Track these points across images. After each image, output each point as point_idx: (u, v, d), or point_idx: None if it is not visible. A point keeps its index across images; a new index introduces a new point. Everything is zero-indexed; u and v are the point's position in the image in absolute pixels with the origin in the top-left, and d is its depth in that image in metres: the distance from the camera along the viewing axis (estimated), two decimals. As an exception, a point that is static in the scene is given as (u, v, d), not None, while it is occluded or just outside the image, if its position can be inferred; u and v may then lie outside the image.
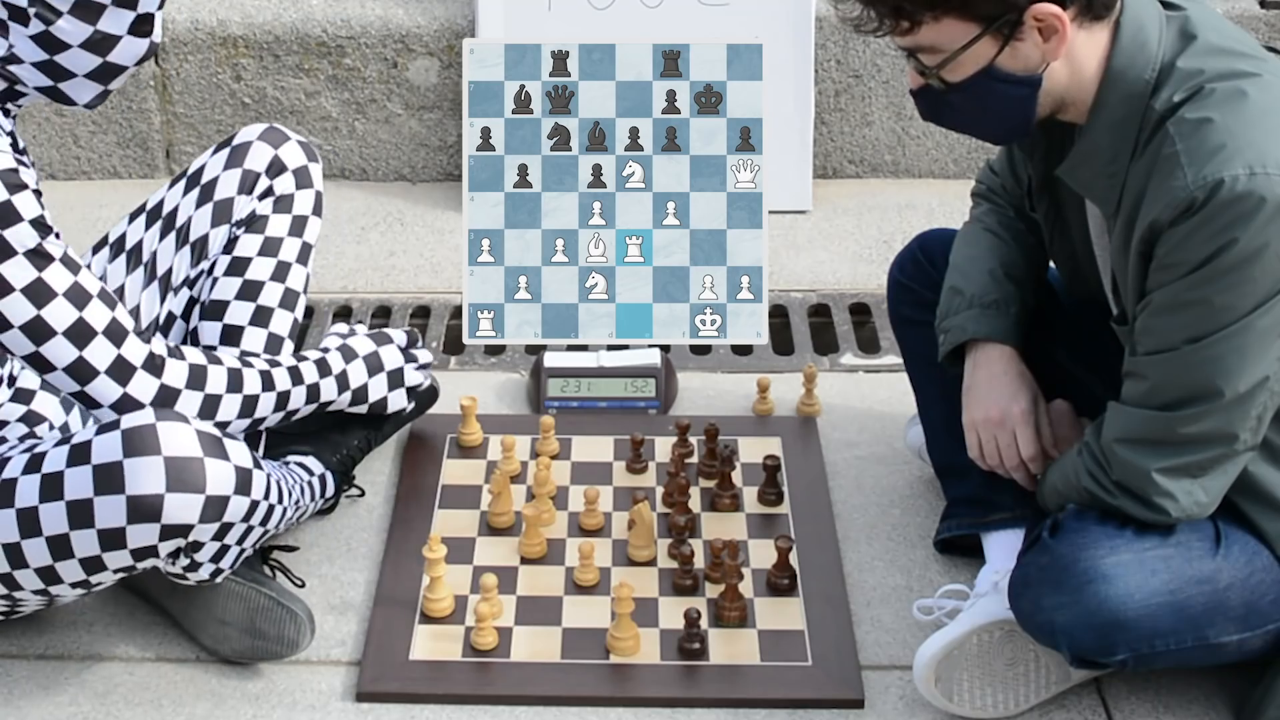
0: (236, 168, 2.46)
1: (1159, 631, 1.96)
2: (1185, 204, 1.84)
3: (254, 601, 2.18)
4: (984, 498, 2.32)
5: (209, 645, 2.22)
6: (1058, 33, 1.88)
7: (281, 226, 2.46)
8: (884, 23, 1.91)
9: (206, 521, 1.98)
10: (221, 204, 2.44)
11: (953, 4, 1.86)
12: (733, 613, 2.26)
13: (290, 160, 2.48)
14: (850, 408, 2.79)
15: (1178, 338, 1.89)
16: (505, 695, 2.16)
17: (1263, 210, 1.81)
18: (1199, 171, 1.83)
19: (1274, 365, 1.88)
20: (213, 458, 1.98)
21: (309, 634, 2.20)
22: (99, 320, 2.05)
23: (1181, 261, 1.86)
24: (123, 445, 1.96)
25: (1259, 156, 1.82)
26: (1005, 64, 1.91)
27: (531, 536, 2.40)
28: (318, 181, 2.52)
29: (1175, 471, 1.93)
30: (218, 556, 2.06)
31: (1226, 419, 1.90)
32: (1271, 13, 3.50)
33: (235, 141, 2.48)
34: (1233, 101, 1.86)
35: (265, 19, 3.48)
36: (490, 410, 2.79)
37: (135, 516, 1.95)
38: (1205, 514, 1.97)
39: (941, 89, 1.96)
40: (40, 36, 1.98)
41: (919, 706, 2.15)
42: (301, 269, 2.47)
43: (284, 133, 2.51)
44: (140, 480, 1.95)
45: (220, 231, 2.44)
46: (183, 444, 1.97)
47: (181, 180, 2.48)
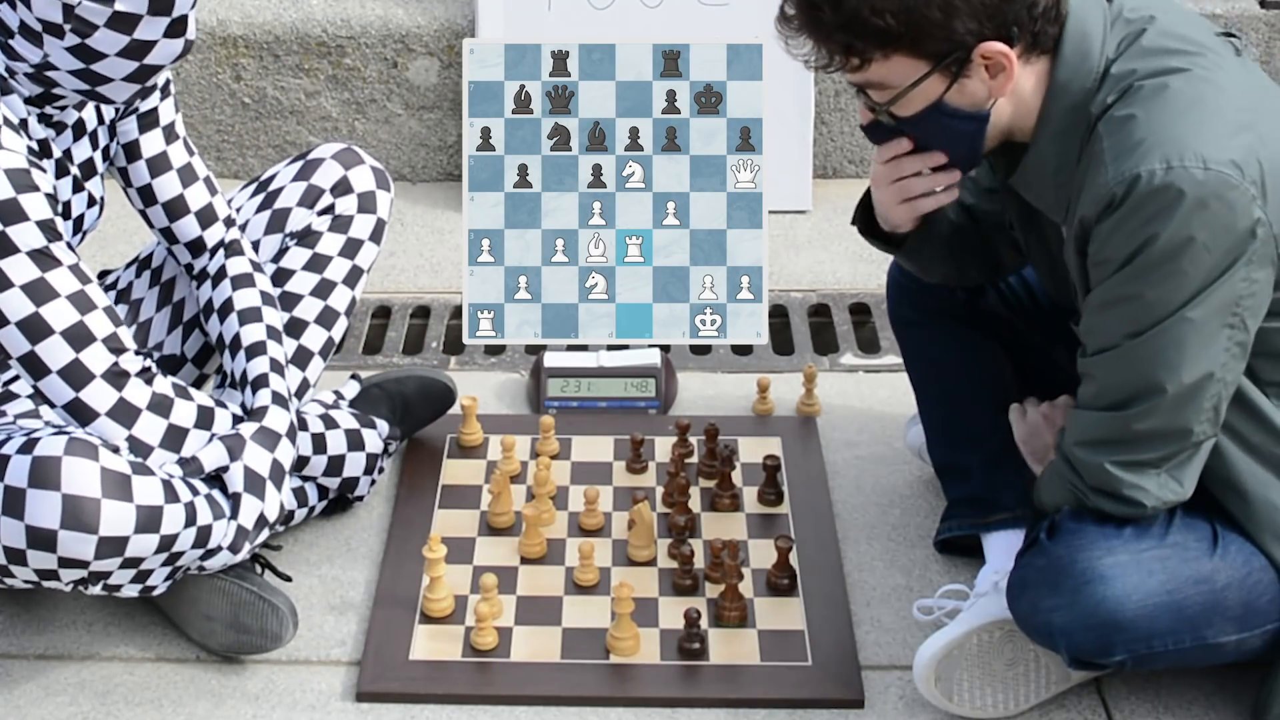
0: (304, 181, 2.48)
1: (1157, 632, 1.96)
2: (1106, 200, 1.86)
3: (237, 597, 2.19)
4: (984, 498, 2.32)
5: (197, 639, 2.23)
6: (1005, 70, 1.91)
7: (334, 245, 2.46)
8: (835, 59, 1.93)
9: (104, 559, 1.98)
10: (279, 213, 2.47)
11: (902, 42, 1.88)
12: (733, 613, 2.26)
13: (359, 183, 2.49)
14: (850, 408, 2.80)
15: (1117, 334, 1.91)
16: (505, 695, 2.17)
17: (1182, 203, 1.82)
18: (1119, 167, 1.85)
19: (1220, 356, 1.88)
20: (112, 499, 1.97)
21: (291, 627, 2.20)
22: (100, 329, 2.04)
23: (1110, 258, 1.88)
24: (29, 474, 1.96)
25: (1177, 150, 1.83)
26: (953, 100, 1.94)
27: (531, 536, 2.40)
28: (383, 209, 2.51)
29: (1135, 465, 1.94)
30: (139, 579, 2.06)
31: (1177, 414, 1.90)
32: (1271, 13, 3.50)
33: (310, 156, 2.51)
34: (1155, 96, 1.88)
35: (265, 19, 3.48)
36: (490, 410, 2.79)
37: (33, 544, 1.96)
38: (1182, 499, 1.97)
39: (891, 124, 2.00)
40: (76, 48, 1.98)
41: (919, 706, 2.15)
42: (347, 291, 2.47)
43: (359, 155, 2.52)
44: (38, 513, 1.95)
45: (273, 240, 2.45)
46: (83, 483, 1.96)
47: (251, 184, 2.53)
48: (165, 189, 2.33)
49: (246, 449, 2.16)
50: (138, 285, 2.49)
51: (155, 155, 2.31)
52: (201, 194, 2.36)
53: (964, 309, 2.40)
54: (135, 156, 2.31)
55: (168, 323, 2.47)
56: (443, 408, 2.64)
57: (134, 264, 2.52)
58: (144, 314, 2.47)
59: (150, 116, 2.30)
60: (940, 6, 1.85)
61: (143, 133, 2.30)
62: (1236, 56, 1.98)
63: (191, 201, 2.35)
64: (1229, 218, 1.82)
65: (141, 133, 2.30)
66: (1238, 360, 1.91)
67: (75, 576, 2.01)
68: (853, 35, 1.88)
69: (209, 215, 2.37)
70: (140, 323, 2.47)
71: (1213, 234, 1.82)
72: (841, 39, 1.90)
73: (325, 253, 2.46)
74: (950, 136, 2.00)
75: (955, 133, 1.99)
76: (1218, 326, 1.87)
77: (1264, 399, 1.97)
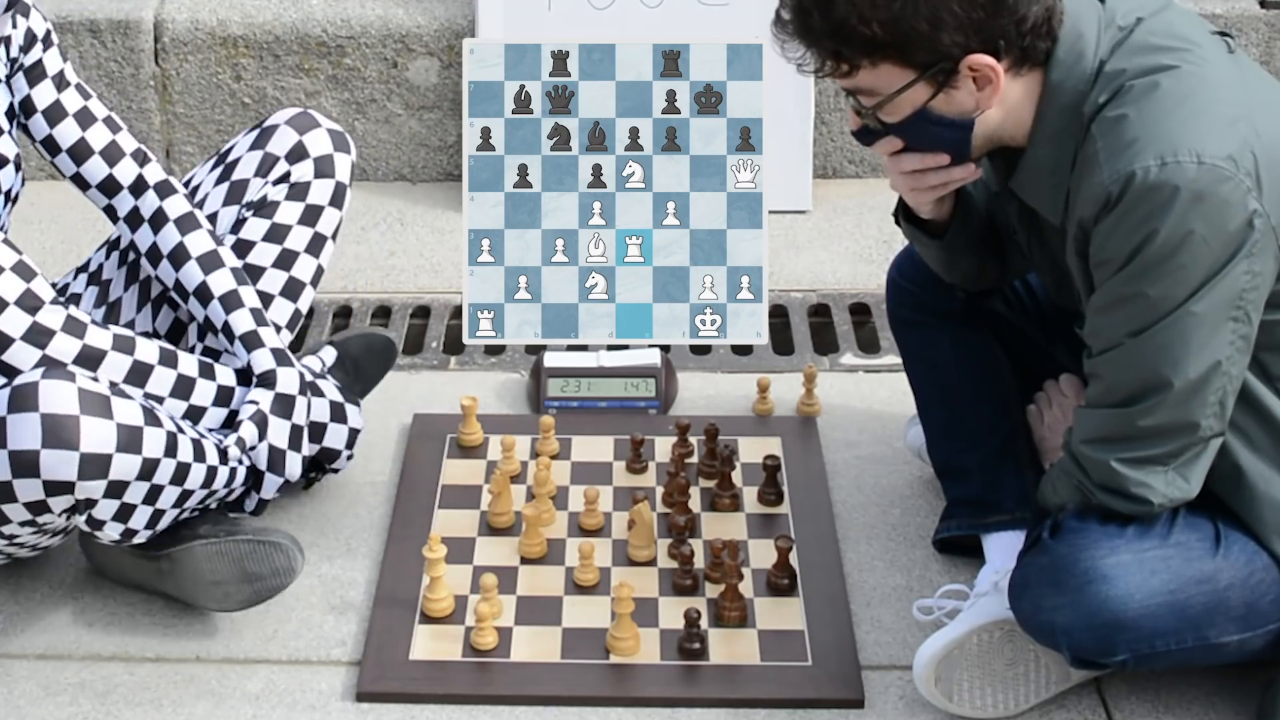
0: (259, 149, 2.45)
1: (1159, 632, 1.96)
2: (1103, 199, 1.87)
3: (235, 551, 2.19)
4: (984, 499, 2.32)
5: (215, 609, 2.24)
6: (992, 83, 1.92)
7: (292, 214, 2.43)
8: (825, 65, 1.95)
9: (88, 479, 2.00)
10: (237, 184, 2.44)
11: (889, 51, 1.90)
12: (733, 613, 2.26)
13: (315, 148, 2.45)
14: (850, 408, 2.79)
15: (1121, 333, 1.91)
16: (505, 695, 2.16)
17: (1178, 199, 1.83)
18: (1113, 166, 1.86)
19: (1225, 349, 1.89)
20: (91, 415, 2.00)
21: (300, 556, 2.22)
22: (10, 291, 2.07)
23: (1111, 258, 1.89)
24: (7, 402, 1.99)
25: (1170, 146, 1.84)
26: (939, 108, 1.96)
27: (531, 536, 2.40)
28: (342, 172, 2.47)
29: (1141, 462, 1.94)
30: (122, 515, 2.07)
31: (1183, 409, 1.91)
32: (1271, 13, 3.50)
33: (265, 123, 2.47)
34: (1147, 95, 1.89)
35: (265, 19, 3.48)
36: (490, 410, 2.79)
37: (18, 471, 1.99)
38: (1189, 498, 1.97)
39: (879, 129, 2.01)
40: None
41: (919, 706, 2.15)
42: (311, 259, 2.44)
43: (315, 119, 2.48)
44: (18, 436, 1.98)
45: (230, 211, 2.43)
46: (61, 401, 1.99)
47: (212, 158, 2.51)
48: (65, 136, 2.34)
49: (270, 426, 2.23)
50: (107, 266, 2.48)
51: (49, 105, 2.33)
52: (103, 133, 2.36)
53: (964, 309, 2.40)
54: (31, 111, 2.32)
55: (136, 300, 2.46)
56: (388, 363, 2.66)
57: (104, 246, 2.51)
58: (113, 294, 2.46)
59: (36, 69, 2.31)
60: (927, 18, 1.86)
61: (32, 86, 2.31)
62: (1229, 54, 1.99)
63: (94, 142, 2.35)
64: (1225, 210, 1.83)
65: (31, 86, 2.31)
66: (1242, 354, 1.91)
67: (64, 505, 2.02)
68: (841, 42, 1.90)
69: (114, 152, 2.36)
70: (110, 302, 2.45)
71: (1211, 227, 1.83)
72: (830, 45, 1.92)
73: (284, 222, 2.43)
74: (936, 143, 2.02)
75: (941, 139, 2.00)
76: (1222, 320, 1.87)
77: (1271, 396, 1.97)
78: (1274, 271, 1.89)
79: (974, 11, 1.87)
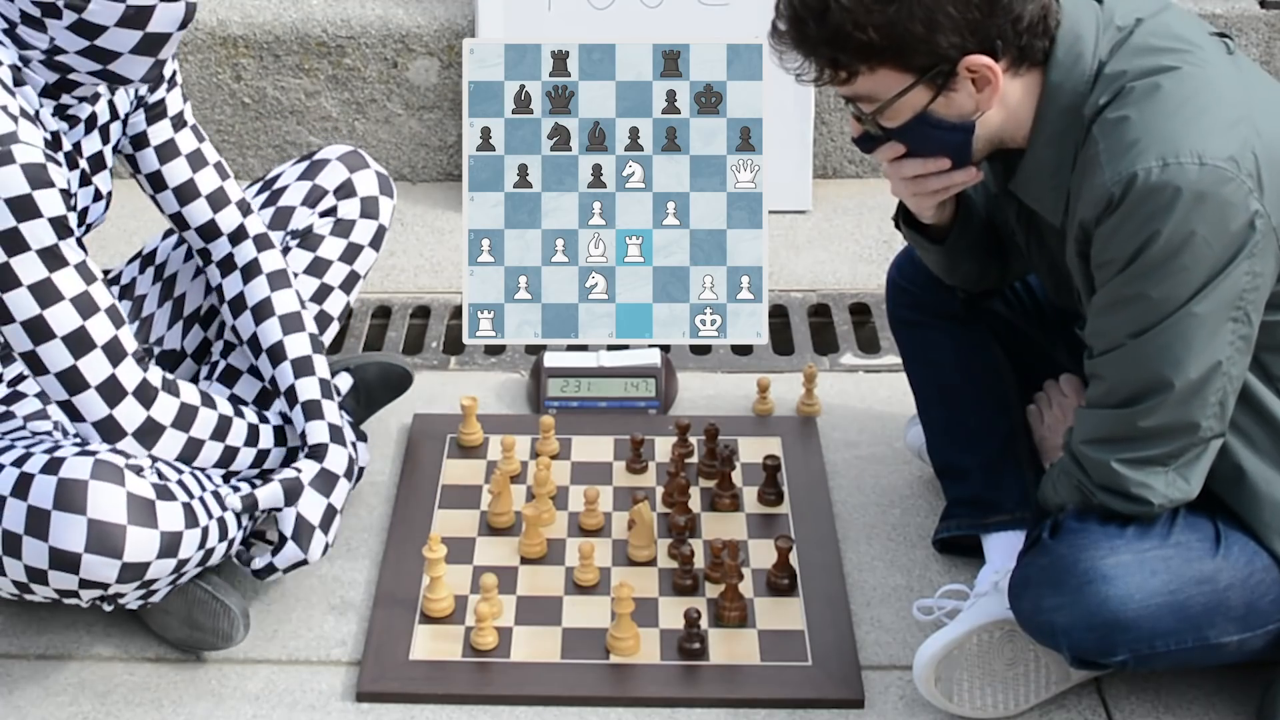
0: (308, 180, 2.50)
1: (1159, 632, 1.96)
2: (1105, 201, 1.87)
3: (192, 595, 2.20)
4: (984, 499, 2.32)
5: (156, 631, 2.25)
6: (990, 84, 1.92)
7: (334, 250, 2.48)
8: (823, 73, 1.95)
9: (124, 583, 2.01)
10: (283, 210, 2.49)
11: (886, 56, 1.90)
12: (733, 613, 2.26)
13: (363, 188, 2.51)
14: (850, 408, 2.79)
15: (1122, 334, 1.91)
16: (505, 695, 2.16)
17: (1180, 199, 1.83)
18: (1115, 168, 1.87)
19: (1225, 350, 1.89)
20: (137, 525, 1.99)
21: (243, 629, 2.22)
22: (101, 334, 2.04)
23: (1113, 259, 1.89)
24: (54, 496, 1.97)
25: (1171, 147, 1.84)
26: (939, 111, 1.96)
27: (531, 536, 2.40)
28: (385, 216, 2.53)
29: (1142, 463, 1.94)
30: (147, 595, 2.09)
31: (1184, 409, 1.91)
32: (1271, 13, 3.50)
33: (316, 156, 2.53)
34: (1148, 97, 1.89)
35: (265, 19, 3.48)
36: (490, 410, 2.79)
37: (56, 565, 1.98)
38: (1189, 498, 1.97)
39: (879, 134, 2.01)
40: (75, 25, 1.98)
41: (919, 706, 2.15)
42: (342, 296, 2.49)
43: (364, 159, 2.54)
44: (62, 536, 1.97)
45: (274, 237, 2.46)
46: (110, 508, 1.97)
47: (257, 184, 2.55)
48: (174, 174, 2.34)
49: (304, 497, 2.21)
50: (141, 281, 2.49)
51: (163, 143, 2.32)
52: (212, 178, 2.36)
53: (963, 309, 2.40)
54: (143, 145, 2.32)
55: (168, 318, 2.48)
56: (399, 392, 2.66)
57: (137, 259, 2.53)
58: (146, 309, 2.47)
59: (158, 108, 2.30)
60: (923, 21, 1.86)
61: (151, 124, 2.31)
62: (1228, 55, 1.99)
63: (201, 185, 2.35)
64: (1227, 211, 1.83)
65: (150, 124, 2.30)
66: (1243, 354, 1.91)
67: (94, 595, 2.03)
68: (838, 49, 1.90)
69: (220, 199, 2.37)
70: (142, 318, 2.47)
71: (1212, 228, 1.83)
72: (827, 53, 1.92)
73: (326, 256, 2.48)
74: (937, 146, 2.02)
75: (942, 143, 2.00)
76: (1222, 320, 1.87)
77: (1272, 397, 1.97)
78: (1274, 272, 1.89)
79: (970, 12, 1.87)
